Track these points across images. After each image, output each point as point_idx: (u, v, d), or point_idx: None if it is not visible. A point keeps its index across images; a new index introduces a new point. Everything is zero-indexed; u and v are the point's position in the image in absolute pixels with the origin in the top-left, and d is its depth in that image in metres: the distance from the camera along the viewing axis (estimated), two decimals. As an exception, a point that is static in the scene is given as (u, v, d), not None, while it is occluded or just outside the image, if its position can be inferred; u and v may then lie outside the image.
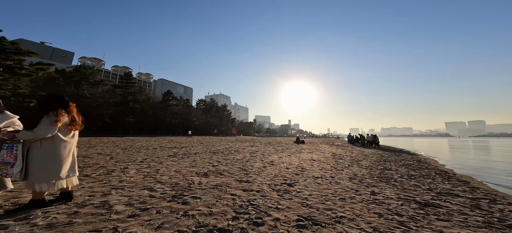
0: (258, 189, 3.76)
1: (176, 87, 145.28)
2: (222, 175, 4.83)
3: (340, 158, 9.58)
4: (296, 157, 9.29)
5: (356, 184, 4.63)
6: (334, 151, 13.34)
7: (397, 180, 5.46)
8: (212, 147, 12.66)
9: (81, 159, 6.21)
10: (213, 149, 11.32)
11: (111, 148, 9.68)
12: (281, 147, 15.15)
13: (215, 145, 14.32)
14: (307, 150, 13.55)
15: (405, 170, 7.26)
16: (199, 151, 9.90)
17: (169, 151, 9.31)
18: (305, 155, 10.13)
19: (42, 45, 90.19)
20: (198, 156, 7.94)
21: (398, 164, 8.50)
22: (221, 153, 9.28)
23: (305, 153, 11.47)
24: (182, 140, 18.78)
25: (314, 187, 4.17)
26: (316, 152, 11.99)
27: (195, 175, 4.63)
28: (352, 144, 23.14)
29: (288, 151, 11.81)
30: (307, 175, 5.28)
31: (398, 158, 10.78)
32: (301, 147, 16.27)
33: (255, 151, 10.80)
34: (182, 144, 13.48)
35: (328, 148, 15.82)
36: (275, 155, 9.52)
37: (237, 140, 21.74)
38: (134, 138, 18.20)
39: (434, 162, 10.64)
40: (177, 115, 41.36)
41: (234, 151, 10.40)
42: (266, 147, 14.03)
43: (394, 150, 17.63)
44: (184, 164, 5.99)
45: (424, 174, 6.60)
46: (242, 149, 12.02)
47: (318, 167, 6.82)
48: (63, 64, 61.90)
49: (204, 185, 3.84)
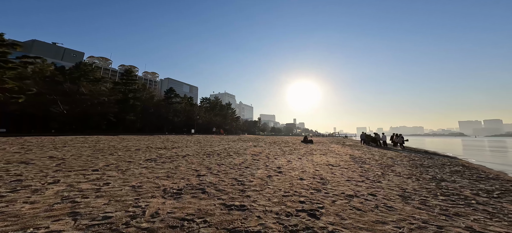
0: (258, 230, 2.07)
1: (182, 86, 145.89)
2: (205, 193, 3.17)
3: (363, 162, 7.73)
4: (309, 160, 7.53)
5: (424, 211, 2.84)
6: (350, 152, 11.43)
7: (477, 200, 3.59)
8: (210, 147, 11.09)
9: (12, 166, 4.74)
10: (210, 150, 9.73)
11: (83, 149, 8.27)
12: (288, 147, 13.40)
13: (214, 145, 12.76)
14: (318, 151, 11.72)
15: (467, 181, 5.32)
16: (191, 152, 8.31)
17: (153, 153, 7.78)
18: (319, 158, 8.35)
19: (54, 46, 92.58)
20: (186, 160, 6.34)
21: (445, 171, 6.56)
22: (217, 156, 7.66)
23: (318, 155, 9.66)
24: (179, 139, 17.38)
25: (356, 218, 2.42)
26: (331, 154, 10.15)
27: (160, 195, 2.99)
28: (366, 144, 20.98)
29: (297, 153, 10.04)
30: (333, 192, 3.54)
31: (436, 162, 8.76)
32: (310, 147, 14.44)
33: (258, 153, 9.12)
34: (175, 144, 12.00)
35: (341, 149, 13.90)
36: (282, 158, 7.80)
37: (240, 139, 20.15)
38: (126, 137, 16.95)
39: (486, 168, 8.54)
40: (180, 113, 40.33)
41: (233, 153, 8.76)
42: (271, 148, 12.33)
43: (419, 151, 15.38)
44: (158, 173, 4.38)
45: (503, 189, 4.64)
46: (243, 150, 10.36)
47: (342, 175, 5.05)
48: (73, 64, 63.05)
49: (162, 219, 2.18)
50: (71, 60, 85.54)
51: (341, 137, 69.57)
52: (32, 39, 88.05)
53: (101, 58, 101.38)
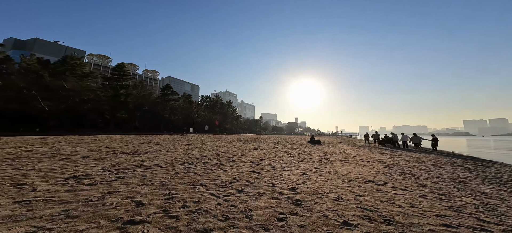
0: None
1: (183, 84, 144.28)
2: None
3: (409, 173, 5.41)
4: (331, 172, 5.23)
5: None
6: (375, 157, 9.10)
7: None
8: (198, 151, 8.85)
9: None
10: (196, 155, 7.48)
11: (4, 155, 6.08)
12: (295, 149, 11.10)
13: (205, 147, 10.50)
14: (335, 155, 9.40)
15: None
16: (166, 161, 6.06)
17: (107, 161, 5.54)
18: (343, 167, 6.04)
19: (55, 44, 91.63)
20: (145, 175, 4.09)
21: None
22: (202, 166, 5.41)
23: (338, 162, 7.34)
24: (167, 140, 15.15)
25: None
26: (353, 160, 7.82)
27: None
28: (381, 145, 18.56)
29: (309, 159, 7.73)
30: None
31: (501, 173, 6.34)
32: (322, 149, 12.11)
33: (259, 160, 6.84)
34: (156, 147, 9.77)
35: (360, 152, 11.55)
36: (293, 168, 5.52)
37: (240, 140, 17.88)
38: (101, 137, 14.68)
39: None
40: (178, 112, 38.17)
41: (227, 160, 6.50)
42: (276, 151, 10.05)
43: (451, 155, 12.89)
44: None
45: None
46: (241, 155, 8.09)
47: (413, 207, 2.73)
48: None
49: None
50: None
51: (345, 136, 66.88)
52: (34, 38, 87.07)
53: (100, 56, 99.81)
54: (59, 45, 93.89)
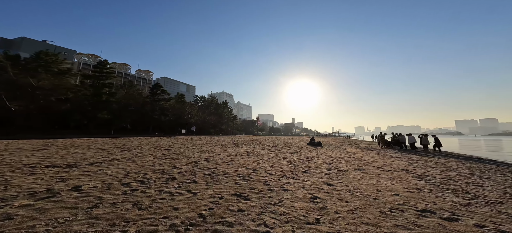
0: None
1: (179, 85, 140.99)
2: None
3: (462, 190, 3.78)
4: (350, 190, 3.51)
5: None
6: (391, 163, 7.51)
7: None
8: (175, 159, 7.03)
9: None
10: (165, 166, 5.68)
11: None
12: (295, 154, 9.40)
13: (185, 153, 8.66)
14: (344, 162, 7.76)
15: None
16: (109, 178, 4.24)
17: (10, 191, 3.69)
18: (363, 181, 4.36)
19: (44, 43, 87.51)
20: (50, 205, 2.27)
21: None
22: (160, 185, 3.62)
23: (351, 171, 5.68)
24: (140, 143, 13.18)
25: None
26: (368, 167, 6.18)
27: None
28: (386, 147, 17.12)
29: (315, 168, 6.04)
30: None
31: None
32: (325, 153, 10.47)
33: (251, 171, 5.09)
34: (116, 155, 7.89)
35: (371, 157, 9.97)
36: (295, 183, 3.79)
37: (233, 143, 16.08)
38: (55, 142, 12.54)
39: None
40: (169, 112, 35.91)
41: (205, 174, 4.72)
42: (272, 155, 8.32)
43: (470, 158, 11.42)
44: None
45: None
46: (228, 163, 6.32)
47: None
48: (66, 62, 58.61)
49: None
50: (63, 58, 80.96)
51: (344, 137, 65.85)
52: (21, 37, 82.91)
53: (90, 55, 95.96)
54: (47, 44, 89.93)
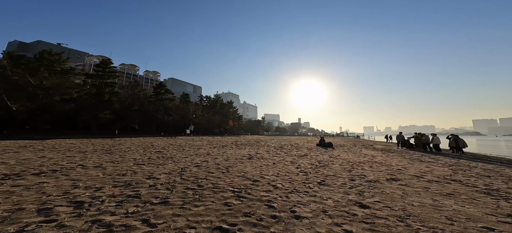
0: None
1: (186, 86, 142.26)
2: None
3: None
4: (401, 218, 2.10)
5: None
6: (427, 169, 5.92)
7: None
8: (160, 164, 5.86)
9: None
10: (140, 176, 4.49)
11: None
12: (304, 157, 7.98)
13: (176, 157, 7.49)
14: (367, 167, 6.26)
15: None
16: (50, 194, 3.05)
17: None
18: (412, 199, 2.91)
19: (58, 46, 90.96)
20: None
21: None
22: (108, 209, 2.37)
23: (384, 182, 4.21)
24: (131, 145, 12.21)
25: None
26: (404, 177, 4.67)
27: None
28: (407, 148, 15.23)
29: (333, 178, 4.62)
30: None
31: None
32: (340, 156, 8.96)
33: (250, 182, 3.77)
34: (84, 161, 6.85)
35: (397, 161, 8.36)
36: (313, 204, 2.41)
37: (235, 143, 14.86)
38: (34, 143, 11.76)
39: None
40: (172, 112, 35.39)
41: (186, 188, 3.44)
42: (278, 159, 6.97)
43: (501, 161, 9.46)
44: None
45: None
46: (223, 170, 5.04)
47: None
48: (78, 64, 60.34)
49: None
50: (76, 60, 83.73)
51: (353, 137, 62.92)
52: (37, 40, 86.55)
53: (100, 56, 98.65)
54: (62, 47, 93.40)
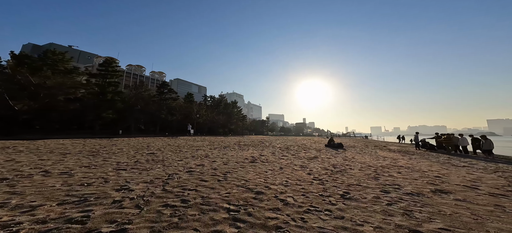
0: None
1: (191, 86, 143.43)
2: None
3: None
4: None
5: None
6: (468, 176, 4.74)
7: None
8: (144, 170, 4.99)
9: None
10: (108, 190, 3.60)
11: None
12: (315, 160, 6.92)
13: (167, 159, 6.63)
14: (395, 172, 5.14)
15: None
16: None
17: None
18: (495, 227, 1.87)
19: (69, 48, 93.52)
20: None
21: None
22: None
23: (437, 197, 3.12)
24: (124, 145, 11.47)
25: None
26: (470, 196, 3.56)
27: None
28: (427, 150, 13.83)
29: (359, 188, 3.56)
30: None
31: None
32: (357, 159, 7.84)
33: (252, 195, 2.81)
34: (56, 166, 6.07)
35: (425, 164, 7.18)
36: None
37: (238, 144, 13.95)
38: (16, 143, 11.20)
39: None
40: (176, 111, 35.03)
41: (168, 202, 2.50)
42: (285, 162, 5.96)
43: None
44: None
45: None
46: (220, 178, 4.09)
47: None
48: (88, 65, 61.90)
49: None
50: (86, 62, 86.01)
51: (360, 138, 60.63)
52: (50, 43, 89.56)
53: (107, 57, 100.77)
54: (73, 49, 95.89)
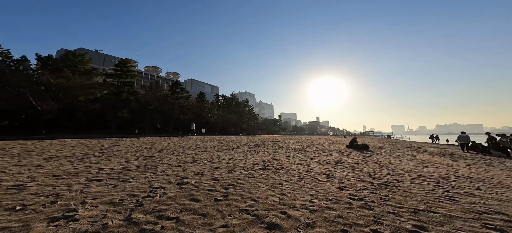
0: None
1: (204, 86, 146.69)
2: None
3: None
4: None
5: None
6: None
7: None
8: (134, 179, 3.99)
9: None
10: (79, 206, 2.56)
11: None
12: (343, 166, 5.45)
13: (166, 164, 5.67)
14: (482, 191, 3.53)
15: None
16: None
17: None
18: None
19: (96, 53, 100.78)
20: None
21: None
22: None
23: None
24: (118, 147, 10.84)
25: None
26: None
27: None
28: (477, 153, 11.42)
29: (449, 225, 2.13)
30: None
31: None
32: (403, 168, 6.21)
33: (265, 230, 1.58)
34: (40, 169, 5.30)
35: (492, 173, 5.33)
36: None
37: (248, 145, 12.84)
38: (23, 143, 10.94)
39: None
40: (188, 111, 35.17)
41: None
42: (306, 169, 4.63)
43: None
44: None
45: None
46: (222, 191, 2.90)
47: None
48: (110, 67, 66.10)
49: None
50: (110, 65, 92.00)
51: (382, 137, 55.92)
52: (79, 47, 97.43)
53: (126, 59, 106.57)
54: (99, 53, 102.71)
